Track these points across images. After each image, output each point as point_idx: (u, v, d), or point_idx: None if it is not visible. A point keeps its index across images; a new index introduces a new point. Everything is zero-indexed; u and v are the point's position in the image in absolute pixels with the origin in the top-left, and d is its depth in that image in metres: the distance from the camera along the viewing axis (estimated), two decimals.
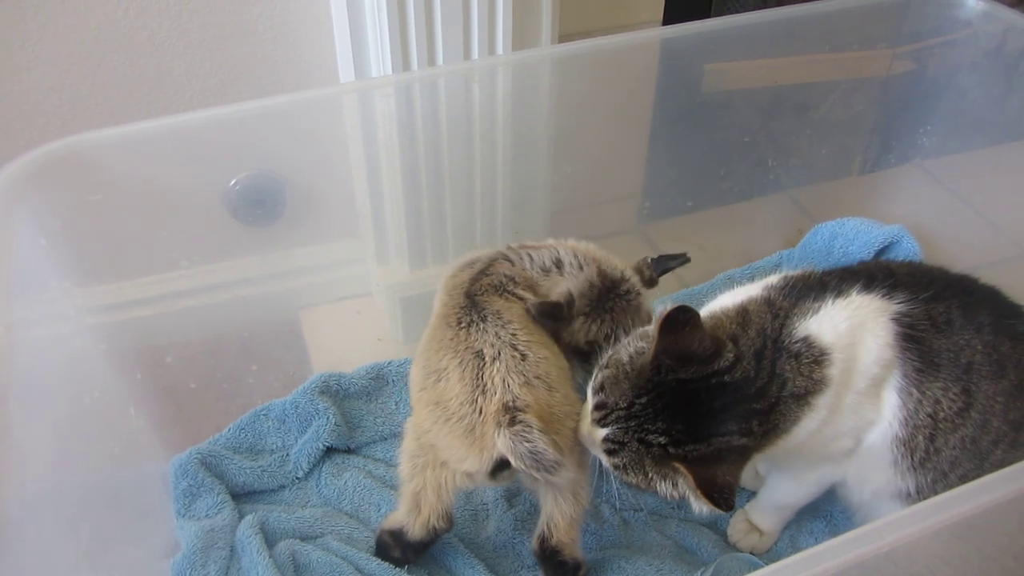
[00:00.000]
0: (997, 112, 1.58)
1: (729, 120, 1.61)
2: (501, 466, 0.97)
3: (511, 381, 0.98)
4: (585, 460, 1.05)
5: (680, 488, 0.91)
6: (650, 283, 1.20)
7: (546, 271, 1.15)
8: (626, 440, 0.92)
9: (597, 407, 0.96)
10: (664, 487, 0.92)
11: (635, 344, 0.97)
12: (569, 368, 1.09)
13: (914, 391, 0.98)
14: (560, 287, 1.13)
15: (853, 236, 1.52)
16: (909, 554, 0.84)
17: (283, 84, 1.50)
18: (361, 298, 1.59)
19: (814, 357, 0.95)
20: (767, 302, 1.01)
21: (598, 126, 1.51)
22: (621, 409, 0.93)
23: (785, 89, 1.61)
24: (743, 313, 0.99)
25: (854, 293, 1.01)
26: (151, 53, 1.40)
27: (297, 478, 1.29)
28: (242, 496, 1.27)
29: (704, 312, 1.04)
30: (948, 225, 1.63)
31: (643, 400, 0.91)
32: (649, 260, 1.21)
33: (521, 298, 1.10)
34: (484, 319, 1.05)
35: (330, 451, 1.31)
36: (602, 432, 0.94)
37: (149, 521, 1.22)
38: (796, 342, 0.96)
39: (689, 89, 1.54)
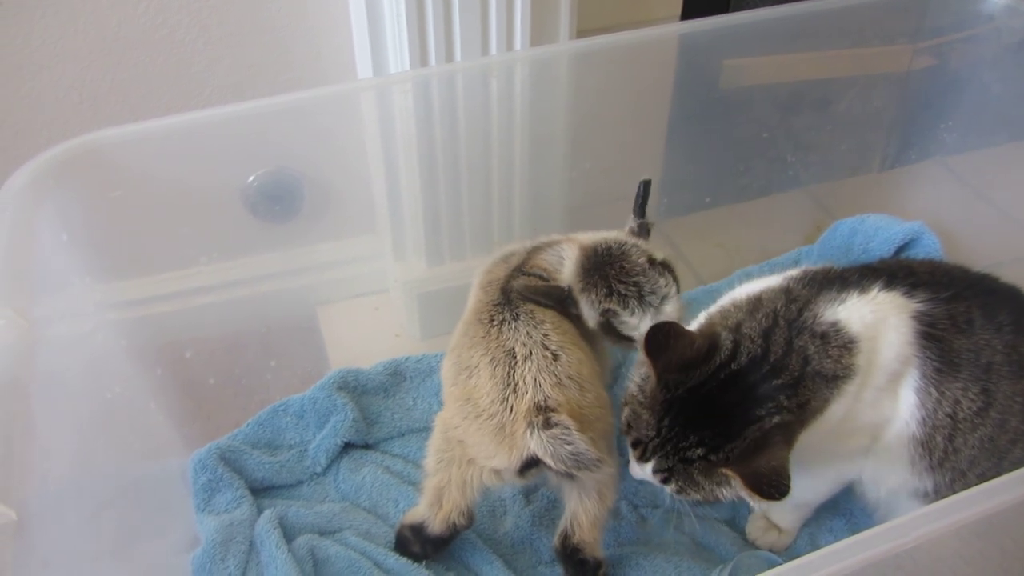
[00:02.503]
0: (1019, 108, 1.57)
1: (747, 116, 1.60)
2: (530, 464, 0.97)
3: (543, 381, 0.98)
4: (611, 457, 1.05)
5: (736, 489, 0.89)
6: (642, 231, 1.17)
7: (557, 271, 1.15)
8: (670, 465, 0.91)
9: (633, 445, 0.95)
10: (725, 493, 0.90)
11: (639, 372, 0.96)
12: (600, 368, 1.08)
13: (933, 391, 0.98)
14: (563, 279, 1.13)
15: (873, 233, 1.51)
16: (930, 552, 0.83)
17: (301, 80, 1.50)
18: (379, 294, 1.60)
19: (843, 343, 0.95)
20: (784, 290, 1.01)
21: (616, 122, 1.50)
22: (653, 439, 0.92)
23: (804, 85, 1.60)
24: (753, 301, 0.99)
25: (876, 290, 1.00)
26: (170, 50, 1.41)
27: (315, 473, 1.29)
28: (261, 491, 1.27)
29: (717, 305, 1.04)
30: (969, 222, 1.61)
31: (666, 422, 0.90)
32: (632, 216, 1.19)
33: None
34: (516, 317, 1.04)
35: (348, 447, 1.32)
36: (647, 466, 0.94)
37: (169, 516, 1.22)
38: (822, 325, 0.95)
39: (707, 85, 1.53)
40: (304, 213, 1.35)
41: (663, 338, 0.90)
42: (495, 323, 1.05)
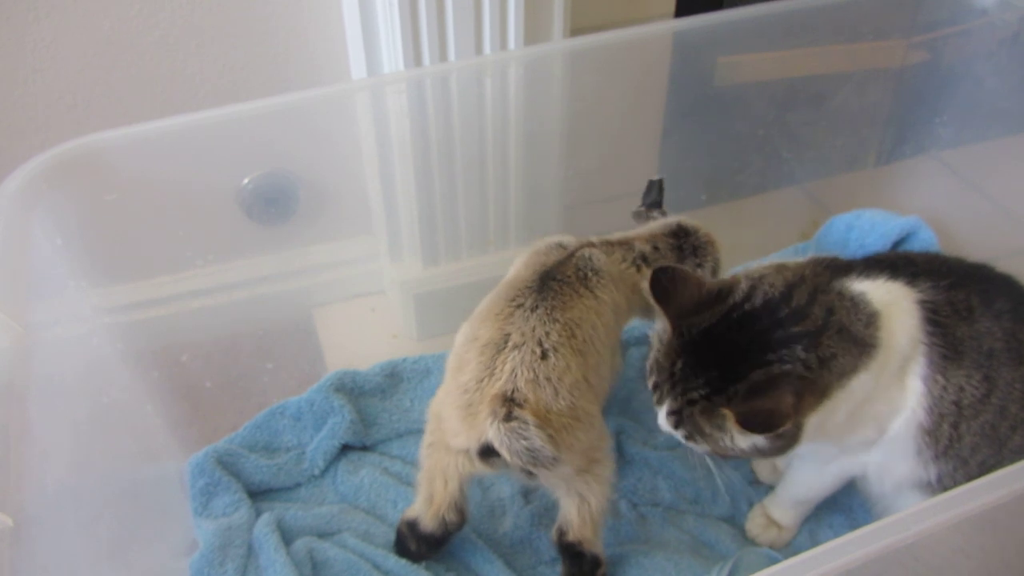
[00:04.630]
0: (1014, 101, 1.57)
1: (743, 113, 1.60)
2: (489, 451, 0.96)
3: (520, 373, 0.97)
4: (595, 469, 1.04)
5: (731, 433, 0.89)
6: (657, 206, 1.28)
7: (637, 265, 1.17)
8: (679, 407, 0.92)
9: (653, 390, 0.96)
10: (725, 441, 0.91)
11: (659, 324, 0.97)
12: (600, 382, 1.08)
13: (939, 377, 0.98)
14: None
15: (869, 228, 1.52)
16: (930, 547, 0.83)
17: (295, 82, 1.50)
18: (375, 295, 1.59)
19: (869, 312, 0.95)
20: (811, 262, 1.03)
21: (611, 120, 1.50)
22: (666, 381, 0.93)
23: (799, 81, 1.60)
24: (778, 265, 1.00)
25: (882, 279, 1.01)
26: (163, 53, 1.40)
27: (313, 476, 1.29)
28: (259, 494, 1.27)
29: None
30: (965, 216, 1.61)
31: (679, 365, 0.91)
32: (641, 209, 1.29)
33: (597, 295, 1.09)
34: (535, 307, 1.03)
35: (346, 448, 1.31)
36: (662, 411, 0.95)
37: (167, 520, 1.22)
38: (851, 291, 0.96)
39: (702, 82, 1.53)
40: (299, 215, 1.35)
41: (668, 282, 0.91)
42: (515, 304, 1.04)
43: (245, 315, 1.43)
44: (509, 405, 0.94)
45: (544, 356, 0.99)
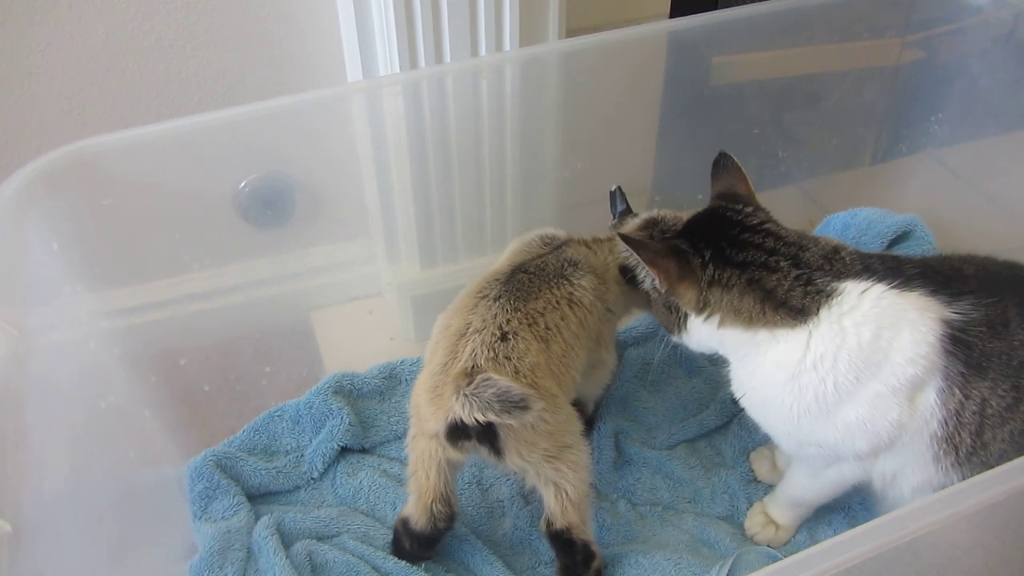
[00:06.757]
0: (1009, 99, 1.57)
1: (738, 112, 1.60)
2: (457, 430, 0.98)
3: (480, 353, 1.01)
4: (565, 455, 1.04)
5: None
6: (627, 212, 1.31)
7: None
8: None
9: None
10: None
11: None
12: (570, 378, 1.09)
13: (957, 392, 0.95)
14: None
15: (866, 226, 1.51)
16: (930, 545, 0.83)
17: (291, 85, 1.50)
18: (372, 298, 1.59)
19: (826, 291, 0.95)
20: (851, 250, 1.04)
21: (607, 120, 1.50)
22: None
23: (794, 80, 1.60)
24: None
25: (916, 293, 0.96)
26: (159, 57, 1.40)
27: (312, 478, 1.29)
28: (258, 497, 1.27)
29: None
30: (961, 214, 1.62)
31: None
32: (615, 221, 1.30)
33: (573, 283, 1.12)
34: (499, 297, 1.07)
35: (345, 451, 1.31)
36: None
37: (166, 524, 1.22)
38: (833, 287, 0.96)
39: (698, 82, 1.53)
40: (296, 218, 1.35)
41: (723, 167, 1.13)
42: (480, 295, 1.08)
43: (243, 318, 1.43)
44: (471, 376, 0.97)
45: (504, 338, 1.03)
